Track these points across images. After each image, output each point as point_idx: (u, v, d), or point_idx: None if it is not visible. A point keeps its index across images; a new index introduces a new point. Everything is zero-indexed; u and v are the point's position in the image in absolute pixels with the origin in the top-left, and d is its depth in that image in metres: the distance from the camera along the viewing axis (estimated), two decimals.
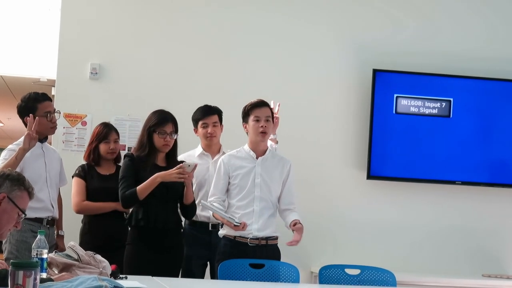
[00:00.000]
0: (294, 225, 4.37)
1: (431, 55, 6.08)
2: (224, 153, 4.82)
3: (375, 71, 5.91)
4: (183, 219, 4.73)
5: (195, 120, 4.95)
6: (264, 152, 4.52)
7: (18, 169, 4.33)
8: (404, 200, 6.03)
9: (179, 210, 4.60)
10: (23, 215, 3.09)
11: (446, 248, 6.03)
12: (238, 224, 4.29)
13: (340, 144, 5.99)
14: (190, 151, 4.96)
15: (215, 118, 4.92)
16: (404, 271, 5.51)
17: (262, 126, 4.43)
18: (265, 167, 4.49)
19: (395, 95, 5.94)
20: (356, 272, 4.35)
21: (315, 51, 6.01)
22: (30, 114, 4.44)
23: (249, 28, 5.95)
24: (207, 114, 4.91)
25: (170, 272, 4.21)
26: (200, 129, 4.93)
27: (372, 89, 5.90)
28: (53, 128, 4.68)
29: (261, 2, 6.00)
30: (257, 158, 4.50)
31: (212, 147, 4.97)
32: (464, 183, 6.00)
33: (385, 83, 5.92)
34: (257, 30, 5.95)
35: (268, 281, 4.23)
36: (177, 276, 4.35)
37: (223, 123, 4.99)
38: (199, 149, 4.99)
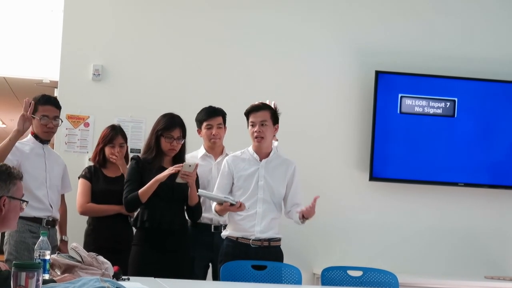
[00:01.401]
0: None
1: (433, 57, 6.06)
2: (227, 154, 4.82)
3: (377, 73, 5.91)
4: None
5: (199, 121, 4.94)
6: (268, 154, 4.52)
7: (14, 162, 4.35)
8: (407, 202, 6.02)
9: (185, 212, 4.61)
10: (26, 203, 3.12)
11: (448, 249, 6.02)
12: (235, 203, 4.28)
13: (343, 145, 5.99)
14: (193, 152, 4.96)
15: (219, 119, 4.92)
16: (406, 272, 5.52)
17: (256, 132, 4.43)
18: (268, 169, 4.49)
19: (400, 95, 5.94)
20: (358, 273, 4.35)
21: (317, 53, 6.01)
22: (27, 98, 4.49)
23: (251, 29, 5.95)
24: (211, 116, 4.91)
25: (175, 273, 4.19)
26: (204, 130, 4.92)
27: (374, 91, 5.90)
28: (47, 133, 4.66)
29: (264, 4, 5.99)
30: (260, 160, 4.50)
31: (215, 148, 4.97)
32: (467, 184, 5.99)
33: (388, 84, 5.92)
34: (259, 31, 5.95)
35: (270, 283, 4.23)
36: (183, 278, 4.35)
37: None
38: (202, 150, 5.00)
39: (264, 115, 4.45)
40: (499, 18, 6.22)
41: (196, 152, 4.99)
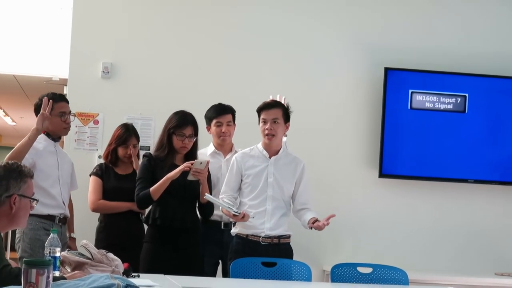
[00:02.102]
0: (314, 222, 4.36)
1: (443, 53, 6.04)
2: (236, 152, 4.82)
3: (386, 69, 5.89)
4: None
5: (209, 118, 4.94)
6: (277, 152, 4.52)
7: (30, 161, 4.37)
8: (416, 198, 6.00)
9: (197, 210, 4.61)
10: (36, 201, 3.13)
11: (458, 246, 6.00)
12: (237, 214, 4.27)
13: (352, 142, 5.98)
14: (202, 149, 4.96)
15: (229, 117, 4.92)
16: (416, 269, 5.50)
17: (267, 129, 4.42)
18: (278, 166, 4.49)
19: (410, 91, 5.92)
20: (368, 270, 4.34)
21: (326, 50, 6.00)
22: (45, 97, 4.50)
23: (260, 27, 5.94)
24: (221, 113, 4.91)
25: (186, 271, 4.19)
26: (213, 128, 4.92)
27: (384, 87, 5.88)
28: (66, 129, 4.72)
29: (273, 3, 5.98)
30: (270, 157, 4.50)
31: (224, 146, 4.97)
32: (477, 181, 5.97)
33: (398, 80, 5.90)
34: (269, 29, 5.94)
35: (280, 280, 4.23)
36: (194, 275, 4.36)
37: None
38: (211, 148, 4.99)
39: (276, 113, 4.44)
40: (510, 14, 6.18)
41: (205, 149, 4.98)
